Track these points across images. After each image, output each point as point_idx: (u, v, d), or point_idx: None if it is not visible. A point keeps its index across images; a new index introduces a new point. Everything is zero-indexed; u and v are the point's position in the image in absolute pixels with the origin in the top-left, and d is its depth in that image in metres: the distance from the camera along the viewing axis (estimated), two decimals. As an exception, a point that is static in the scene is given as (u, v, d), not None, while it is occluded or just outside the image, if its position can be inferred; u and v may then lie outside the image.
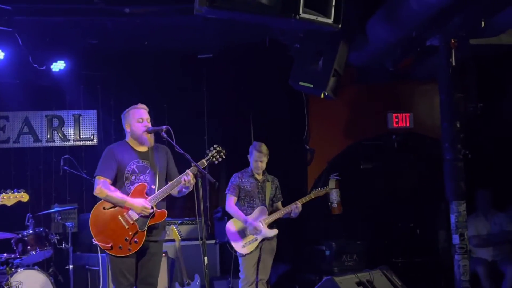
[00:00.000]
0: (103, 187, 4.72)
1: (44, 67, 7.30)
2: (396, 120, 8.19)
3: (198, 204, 4.67)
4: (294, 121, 8.13)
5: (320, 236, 7.93)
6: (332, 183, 8.00)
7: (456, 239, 6.03)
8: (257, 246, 5.98)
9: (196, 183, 4.69)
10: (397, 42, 6.42)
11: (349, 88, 7.96)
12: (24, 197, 5.46)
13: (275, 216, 6.06)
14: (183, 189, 4.81)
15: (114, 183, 4.79)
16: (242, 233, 6.00)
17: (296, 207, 6.00)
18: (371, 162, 8.19)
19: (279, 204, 6.23)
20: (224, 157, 4.90)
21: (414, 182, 8.11)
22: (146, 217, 4.68)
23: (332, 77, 6.13)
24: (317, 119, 8.18)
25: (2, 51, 6.98)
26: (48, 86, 7.83)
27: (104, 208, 4.70)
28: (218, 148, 4.90)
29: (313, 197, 6.16)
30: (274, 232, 6.04)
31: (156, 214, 4.74)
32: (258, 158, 6.06)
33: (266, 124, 8.05)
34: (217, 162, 4.90)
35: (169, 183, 4.80)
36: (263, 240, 6.00)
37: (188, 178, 4.68)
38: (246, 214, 6.03)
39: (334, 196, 7.96)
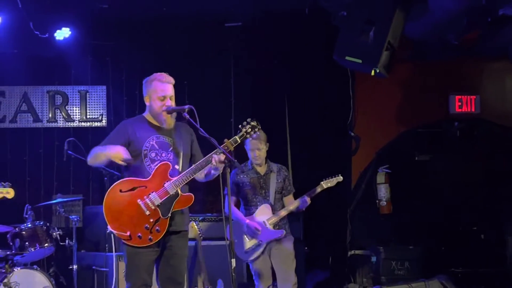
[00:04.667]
0: (96, 147, 4.72)
1: (46, 35, 7.32)
2: (460, 104, 8.20)
3: (224, 198, 4.68)
4: (338, 103, 8.12)
5: (365, 240, 8.00)
6: (380, 177, 8.07)
7: (528, 246, 6.01)
8: (263, 251, 5.94)
9: (223, 173, 4.70)
10: (464, 11, 6.34)
11: (404, 65, 7.90)
12: (10, 192, 5.49)
13: (280, 214, 5.97)
14: (212, 171, 4.79)
15: (132, 163, 4.71)
16: (243, 237, 5.97)
17: (304, 200, 5.93)
18: (428, 153, 8.16)
19: (288, 198, 6.12)
20: (258, 133, 4.87)
21: (479, 178, 8.06)
22: (171, 201, 4.67)
23: (385, 51, 6.09)
24: (365, 101, 8.17)
25: (-1, 15, 7.04)
26: (51, 58, 7.88)
27: (121, 191, 4.66)
28: (253, 123, 4.82)
29: (324, 187, 6.03)
30: (279, 233, 5.95)
31: (181, 198, 4.72)
32: (254, 146, 5.94)
33: (304, 107, 8.07)
34: (251, 139, 5.15)
35: (196, 164, 4.75)
36: (270, 243, 5.96)
37: (219, 157, 4.64)
38: (249, 214, 6.01)
39: (383, 192, 8.00)
